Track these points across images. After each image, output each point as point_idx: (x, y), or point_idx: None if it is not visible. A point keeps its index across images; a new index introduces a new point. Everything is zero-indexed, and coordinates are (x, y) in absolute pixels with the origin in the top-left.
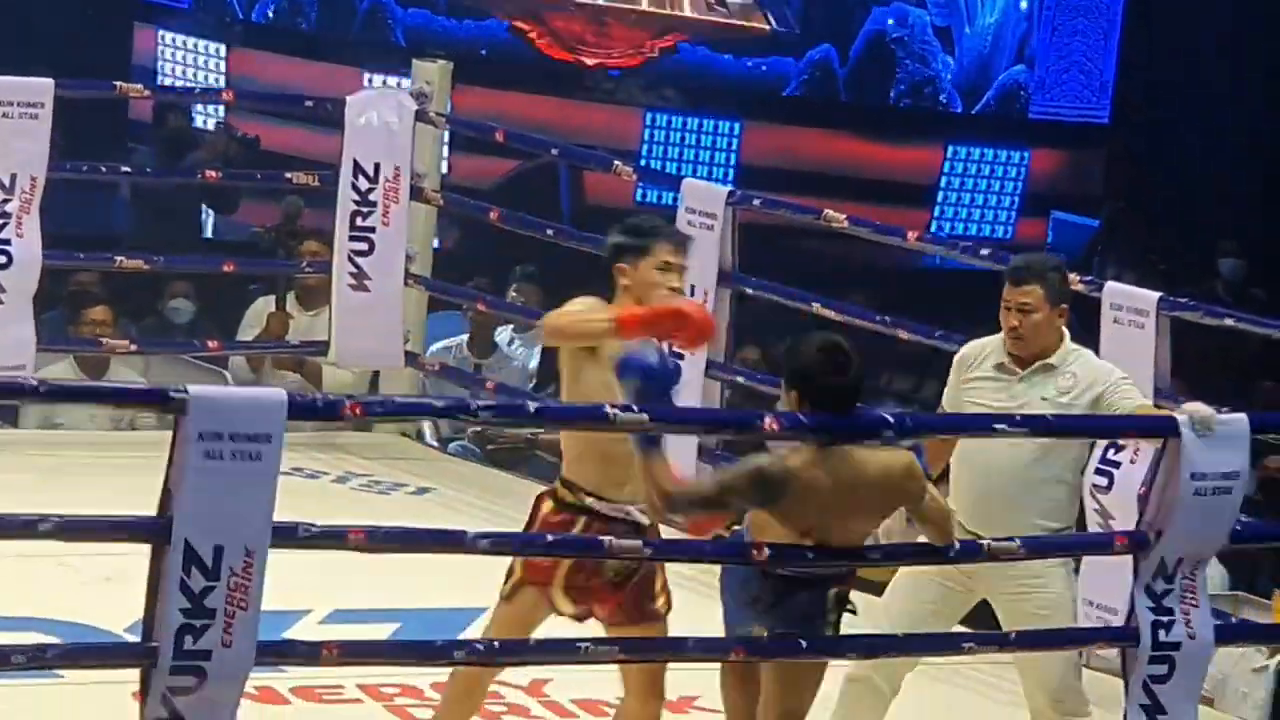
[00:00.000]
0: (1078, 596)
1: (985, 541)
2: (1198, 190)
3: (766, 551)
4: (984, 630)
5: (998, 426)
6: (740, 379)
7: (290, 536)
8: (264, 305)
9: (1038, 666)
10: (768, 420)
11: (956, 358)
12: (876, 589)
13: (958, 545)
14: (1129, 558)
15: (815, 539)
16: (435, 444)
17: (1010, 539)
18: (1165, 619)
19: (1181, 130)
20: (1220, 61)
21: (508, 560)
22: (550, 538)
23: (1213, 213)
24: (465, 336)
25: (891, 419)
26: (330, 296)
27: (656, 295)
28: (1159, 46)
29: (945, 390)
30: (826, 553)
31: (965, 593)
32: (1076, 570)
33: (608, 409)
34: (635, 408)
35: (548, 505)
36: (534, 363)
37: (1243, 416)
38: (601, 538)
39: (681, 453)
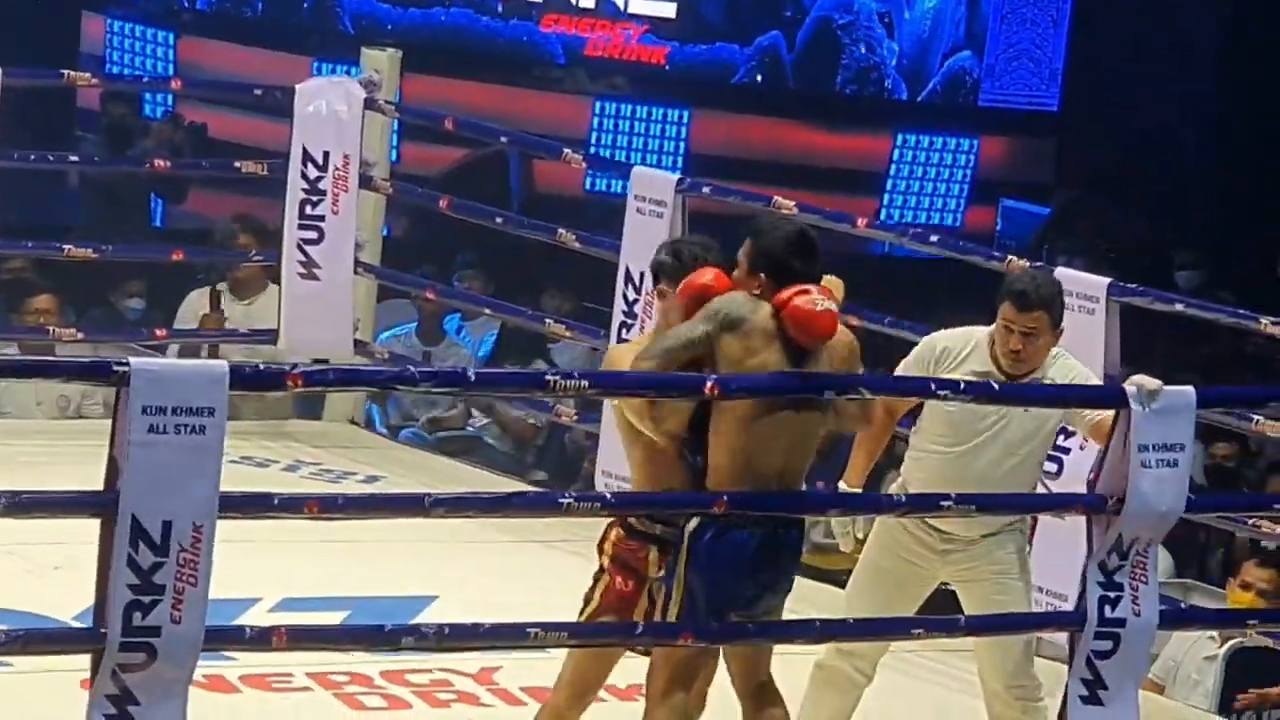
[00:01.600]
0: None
1: (948, 503)
2: (1148, 177)
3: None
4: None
5: (941, 392)
6: None
7: (248, 507)
8: (198, 298)
9: (995, 651)
10: (708, 384)
11: (930, 345)
12: (838, 580)
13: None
14: (1081, 543)
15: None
16: (385, 432)
17: (969, 500)
18: (1113, 594)
19: (1131, 118)
20: (1170, 49)
21: (464, 551)
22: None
23: (1163, 200)
24: (414, 325)
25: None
26: (263, 286)
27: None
28: (1108, 34)
29: (903, 369)
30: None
31: (925, 581)
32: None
33: (547, 375)
34: (575, 374)
35: (616, 532)
36: (484, 350)
37: (1189, 388)
38: (561, 498)
39: None
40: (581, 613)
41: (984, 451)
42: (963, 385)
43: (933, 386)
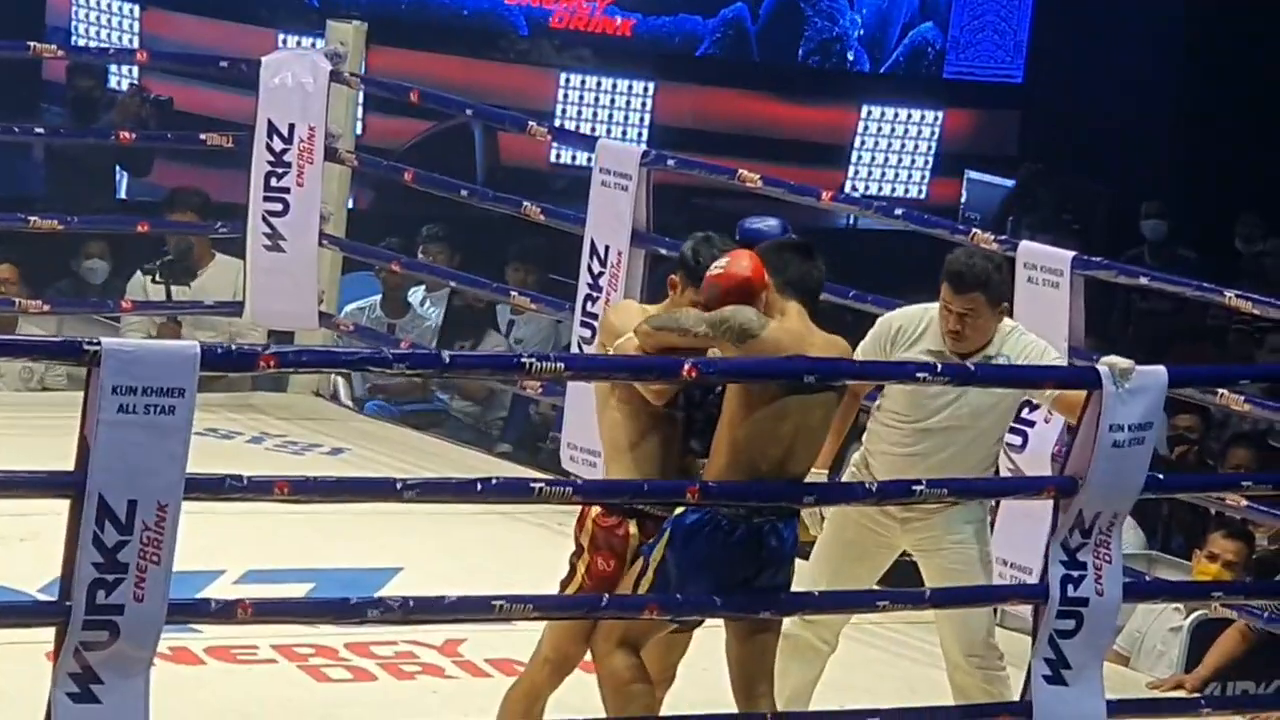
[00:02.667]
0: (993, 555)
1: (920, 488)
2: (1112, 149)
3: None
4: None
5: (919, 375)
6: None
7: (218, 489)
8: (139, 283)
9: (955, 622)
10: (687, 367)
11: (886, 324)
12: (803, 552)
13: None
14: (1045, 516)
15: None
16: (350, 404)
17: (941, 485)
18: (1076, 574)
19: (1097, 90)
20: (1134, 21)
21: (429, 524)
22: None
23: (1127, 171)
24: (378, 297)
25: (804, 363)
26: (210, 257)
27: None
28: (1073, 6)
29: (861, 350)
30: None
31: (887, 549)
32: (991, 528)
33: (523, 359)
34: (552, 356)
35: (595, 510)
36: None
37: (1160, 369)
38: (533, 483)
39: None
40: (563, 587)
41: (942, 427)
42: (940, 368)
43: (913, 370)
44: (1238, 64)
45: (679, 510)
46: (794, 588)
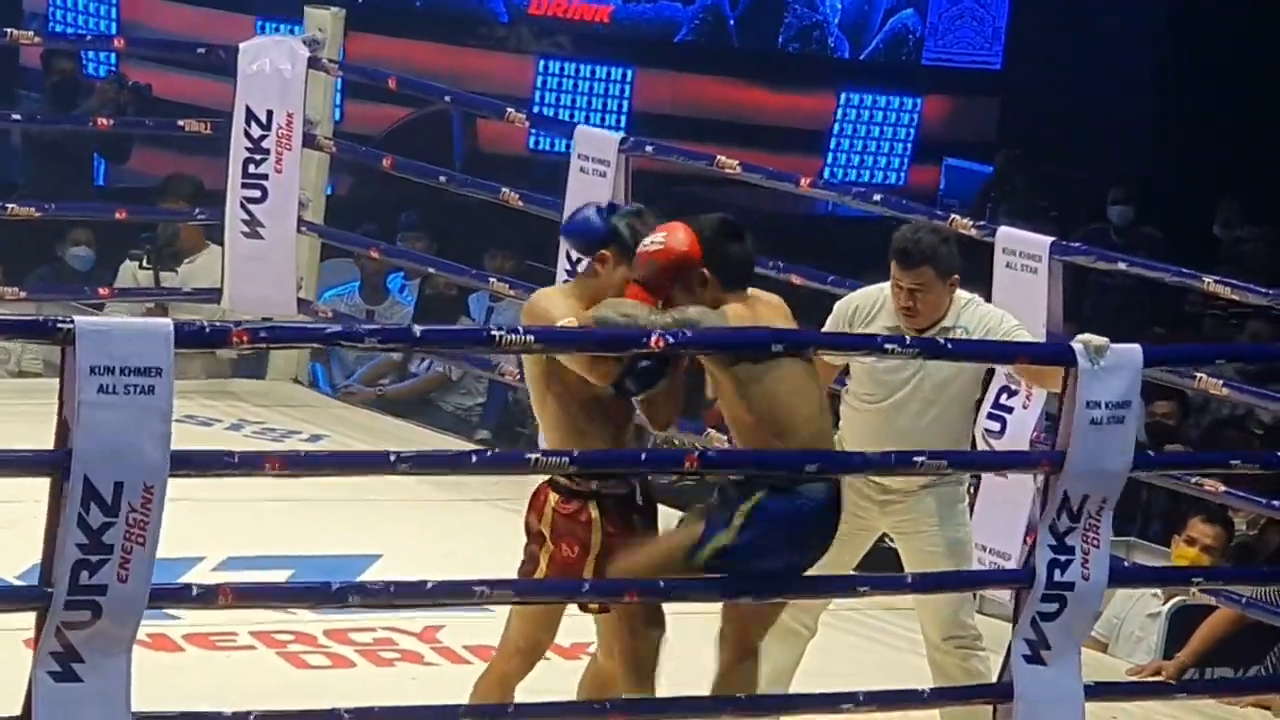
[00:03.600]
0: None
1: (920, 459)
2: (1091, 136)
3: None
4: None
5: (888, 346)
6: None
7: (209, 465)
8: (128, 270)
9: (933, 604)
10: (654, 337)
11: (844, 305)
12: None
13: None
14: (1023, 502)
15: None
16: (329, 390)
17: (940, 456)
18: (1064, 558)
19: (1075, 77)
20: (1114, 8)
21: (408, 510)
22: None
23: (1106, 158)
24: (357, 283)
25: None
26: (203, 246)
27: (609, 298)
28: None
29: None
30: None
31: (866, 531)
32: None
33: (493, 331)
34: (520, 329)
35: (554, 497)
36: None
37: (1135, 347)
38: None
39: None
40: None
41: (907, 403)
42: (909, 341)
43: (880, 343)
44: (1217, 51)
45: (758, 495)
46: None
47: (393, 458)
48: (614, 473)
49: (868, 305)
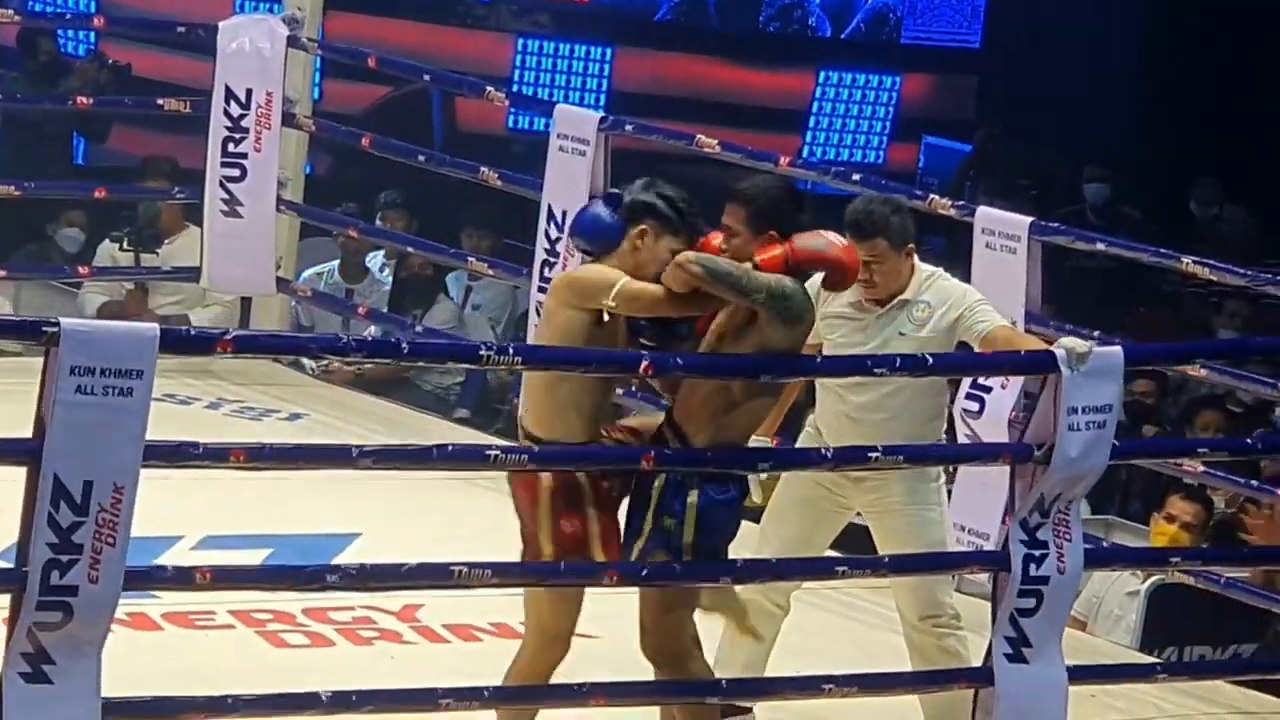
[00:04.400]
0: (949, 518)
1: (875, 454)
2: (1070, 115)
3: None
4: (858, 554)
5: (878, 370)
6: None
7: (174, 456)
8: (107, 250)
9: (911, 583)
10: (644, 364)
11: (809, 285)
12: (754, 515)
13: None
14: (1002, 482)
15: None
16: (313, 367)
17: (896, 451)
18: (1038, 552)
19: (1054, 55)
20: None
21: (387, 490)
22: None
23: (1084, 137)
24: (337, 262)
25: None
26: (182, 226)
27: (650, 273)
28: None
29: None
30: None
31: (840, 509)
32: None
33: (481, 350)
34: (511, 348)
35: (545, 478)
36: None
37: (1117, 350)
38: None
39: None
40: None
41: (875, 382)
42: (899, 362)
43: (869, 364)
44: (1197, 30)
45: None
46: (750, 549)
47: (355, 452)
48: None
49: None
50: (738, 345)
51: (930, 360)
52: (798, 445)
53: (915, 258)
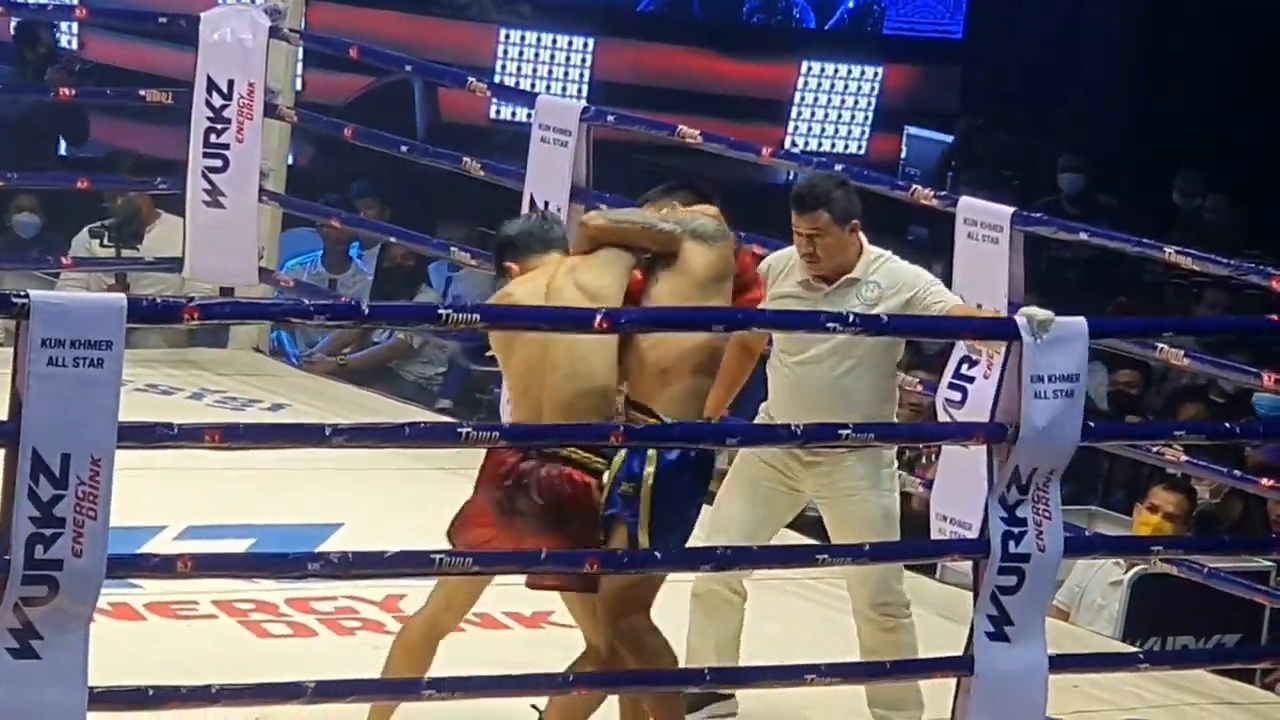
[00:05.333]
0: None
1: (846, 431)
2: (1052, 105)
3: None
4: (816, 538)
5: (830, 325)
6: None
7: (149, 437)
8: (83, 242)
9: (862, 570)
10: (597, 319)
11: (763, 268)
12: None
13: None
14: (983, 472)
15: None
16: (299, 353)
17: (867, 429)
18: (1017, 530)
19: (1036, 45)
20: None
21: (369, 480)
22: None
23: (1067, 128)
24: (321, 252)
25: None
26: (155, 216)
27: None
28: None
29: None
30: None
31: (792, 493)
32: (930, 485)
33: (440, 309)
34: (468, 307)
35: (593, 481)
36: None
37: (1080, 319)
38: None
39: None
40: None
41: (824, 358)
42: (851, 318)
43: (822, 320)
44: (1179, 19)
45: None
46: (701, 532)
47: (328, 430)
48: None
49: (780, 264)
50: (671, 296)
51: (885, 319)
52: None
53: (862, 237)
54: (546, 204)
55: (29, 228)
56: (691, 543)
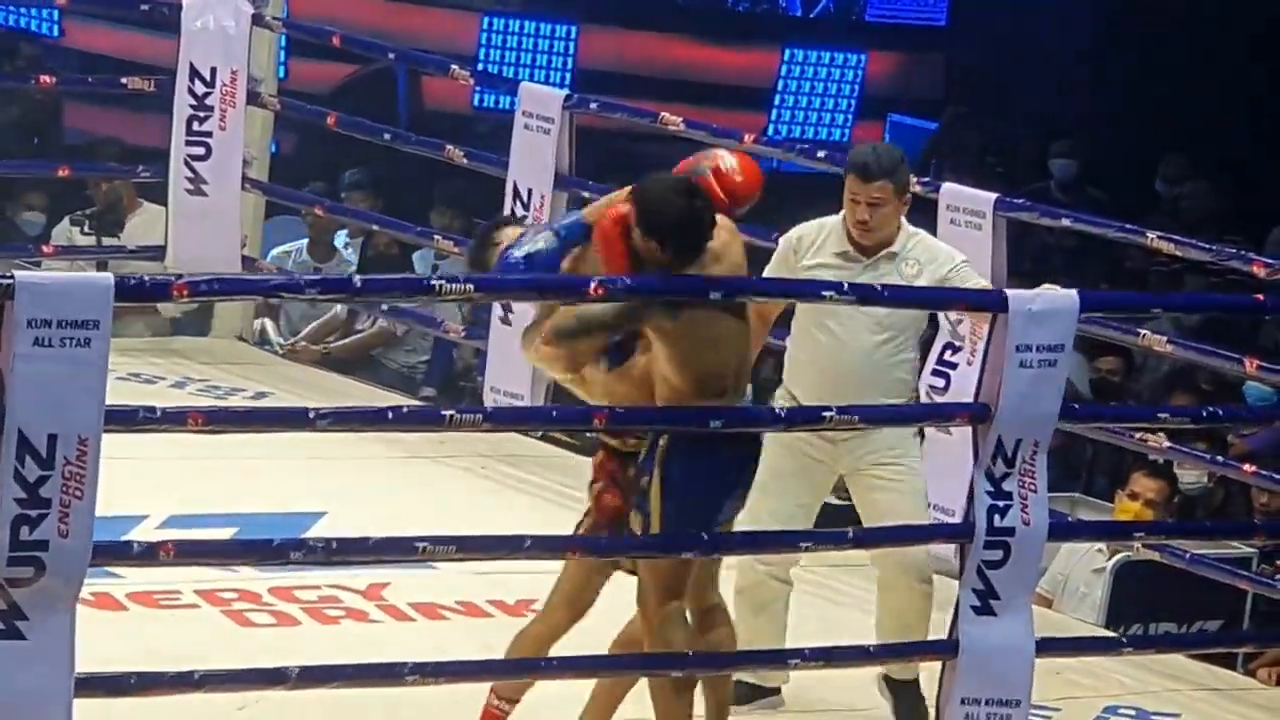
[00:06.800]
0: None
1: (830, 414)
2: (1035, 92)
3: None
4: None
5: (825, 294)
6: None
7: (133, 420)
8: (64, 231)
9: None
10: (593, 285)
11: (788, 240)
12: None
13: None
14: (967, 458)
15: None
16: (283, 340)
17: (851, 411)
18: (1002, 504)
19: (1019, 32)
20: None
21: (352, 468)
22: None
23: (1050, 114)
24: (306, 241)
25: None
26: (137, 205)
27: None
28: None
29: (769, 271)
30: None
31: (822, 474)
32: None
33: (434, 280)
34: (461, 278)
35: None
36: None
37: (1072, 291)
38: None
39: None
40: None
41: (860, 333)
42: (846, 287)
43: (818, 289)
44: (1162, 5)
45: (663, 446)
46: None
47: (312, 414)
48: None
49: (811, 236)
50: (656, 363)
51: (880, 290)
52: None
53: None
54: (530, 191)
55: (33, 226)
56: None
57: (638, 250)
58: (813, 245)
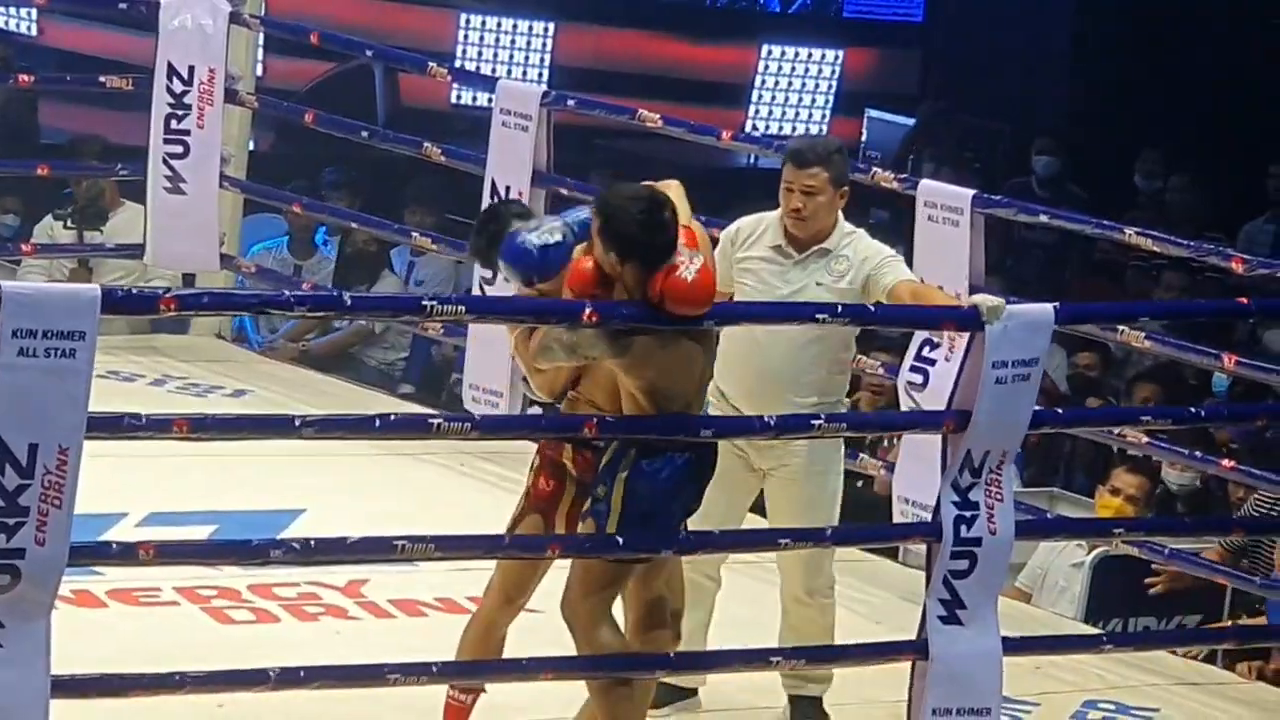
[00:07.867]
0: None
1: (819, 423)
2: (1012, 88)
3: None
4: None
5: (819, 316)
6: None
7: (117, 427)
8: (46, 226)
9: (804, 553)
10: (586, 311)
11: (728, 234)
12: None
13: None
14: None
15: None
16: (263, 338)
17: (840, 419)
18: (969, 514)
19: (997, 28)
20: None
21: (332, 466)
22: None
23: (1028, 110)
24: (286, 238)
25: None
26: (119, 203)
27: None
28: None
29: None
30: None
31: (751, 473)
32: (891, 468)
33: (424, 300)
34: (454, 298)
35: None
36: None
37: (1048, 306)
38: (431, 419)
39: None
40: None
41: (784, 333)
42: (840, 309)
43: (812, 312)
44: (1139, 2)
45: (628, 455)
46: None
47: (297, 422)
48: None
49: (749, 228)
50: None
51: (872, 310)
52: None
53: (840, 210)
54: (508, 188)
55: (8, 228)
56: None
57: (602, 266)
58: (749, 238)
